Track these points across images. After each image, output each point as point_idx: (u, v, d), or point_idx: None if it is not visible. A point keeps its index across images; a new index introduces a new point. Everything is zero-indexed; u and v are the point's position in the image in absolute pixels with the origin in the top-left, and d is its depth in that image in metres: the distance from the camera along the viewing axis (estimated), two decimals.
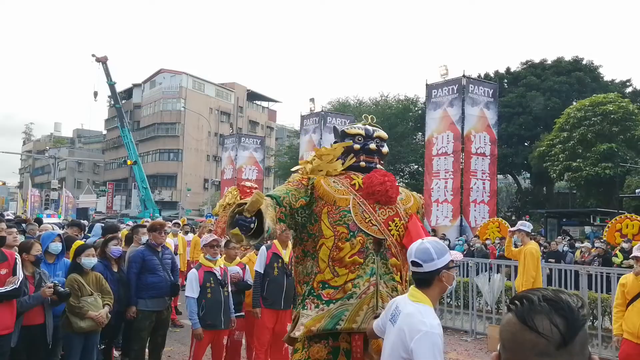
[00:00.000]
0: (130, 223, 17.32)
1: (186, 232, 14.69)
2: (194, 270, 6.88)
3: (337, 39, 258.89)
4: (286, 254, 7.18)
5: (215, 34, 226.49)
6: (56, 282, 5.84)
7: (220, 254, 7.18)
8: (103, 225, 11.91)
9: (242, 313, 7.45)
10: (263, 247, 7.22)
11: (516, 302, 1.47)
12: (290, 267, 6.90)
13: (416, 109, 45.07)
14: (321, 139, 28.92)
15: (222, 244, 7.34)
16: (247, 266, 7.72)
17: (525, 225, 9.33)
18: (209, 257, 6.90)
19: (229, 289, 6.99)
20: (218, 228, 11.61)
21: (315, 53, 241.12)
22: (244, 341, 7.83)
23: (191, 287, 6.65)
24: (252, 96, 77.26)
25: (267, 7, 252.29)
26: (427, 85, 23.88)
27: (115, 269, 7.17)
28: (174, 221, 13.55)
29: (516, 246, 9.36)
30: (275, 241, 7.24)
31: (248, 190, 11.81)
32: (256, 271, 7.18)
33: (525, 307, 1.43)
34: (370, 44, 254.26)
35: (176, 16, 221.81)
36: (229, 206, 11.57)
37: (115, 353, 8.04)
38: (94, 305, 6.23)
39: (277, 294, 7.09)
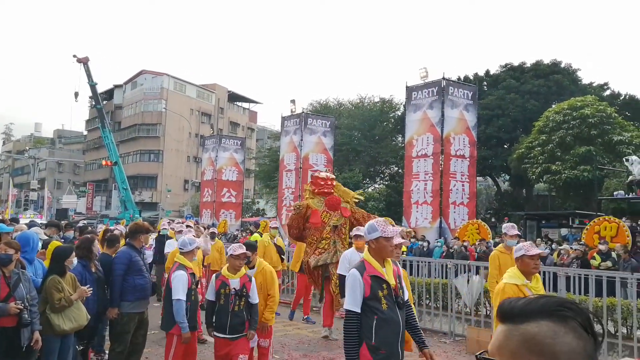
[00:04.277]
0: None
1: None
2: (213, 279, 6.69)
3: (318, 41, 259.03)
4: (390, 274, 4.62)
5: (197, 35, 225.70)
6: (26, 306, 5.70)
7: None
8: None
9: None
10: (354, 271, 4.59)
11: (562, 308, 1.29)
12: (400, 292, 4.67)
13: (394, 110, 45.32)
14: (302, 140, 28.87)
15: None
16: (253, 279, 6.68)
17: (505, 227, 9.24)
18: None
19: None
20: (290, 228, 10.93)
21: (296, 54, 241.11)
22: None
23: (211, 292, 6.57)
24: (233, 97, 77.22)
25: (248, 8, 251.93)
26: (407, 87, 23.90)
27: (93, 269, 7.08)
28: (186, 223, 13.25)
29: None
30: (367, 255, 4.66)
31: (322, 183, 10.82)
32: (348, 311, 4.49)
33: (579, 313, 1.29)
34: (350, 46, 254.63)
35: (158, 17, 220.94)
36: (299, 207, 10.74)
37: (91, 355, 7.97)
38: (76, 308, 6.24)
39: (392, 338, 4.49)
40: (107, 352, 7.69)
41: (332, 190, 10.81)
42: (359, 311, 4.41)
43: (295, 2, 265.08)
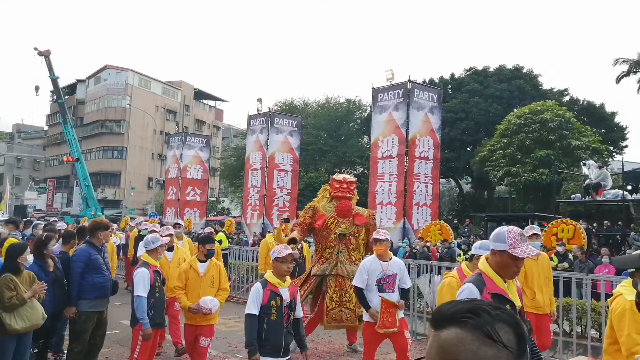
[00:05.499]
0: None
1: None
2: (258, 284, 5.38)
3: (285, 40, 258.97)
4: (514, 292, 3.90)
5: (163, 31, 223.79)
6: None
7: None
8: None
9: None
10: (471, 286, 3.80)
11: (469, 315, 1.25)
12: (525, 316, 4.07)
13: (361, 111, 45.67)
14: (268, 139, 28.90)
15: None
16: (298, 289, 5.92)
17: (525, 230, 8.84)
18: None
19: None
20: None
21: (263, 53, 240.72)
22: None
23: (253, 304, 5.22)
24: (199, 95, 76.76)
25: (215, 6, 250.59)
26: (373, 88, 24.08)
27: (51, 269, 6.95)
28: (175, 222, 13.08)
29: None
30: (486, 267, 3.87)
31: (337, 185, 9.82)
32: None
33: (486, 320, 1.24)
34: (317, 46, 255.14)
35: (123, 11, 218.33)
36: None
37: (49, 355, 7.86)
38: (30, 307, 6.09)
39: None
40: (65, 352, 7.52)
41: (349, 195, 9.92)
42: None
43: (261, 1, 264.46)
